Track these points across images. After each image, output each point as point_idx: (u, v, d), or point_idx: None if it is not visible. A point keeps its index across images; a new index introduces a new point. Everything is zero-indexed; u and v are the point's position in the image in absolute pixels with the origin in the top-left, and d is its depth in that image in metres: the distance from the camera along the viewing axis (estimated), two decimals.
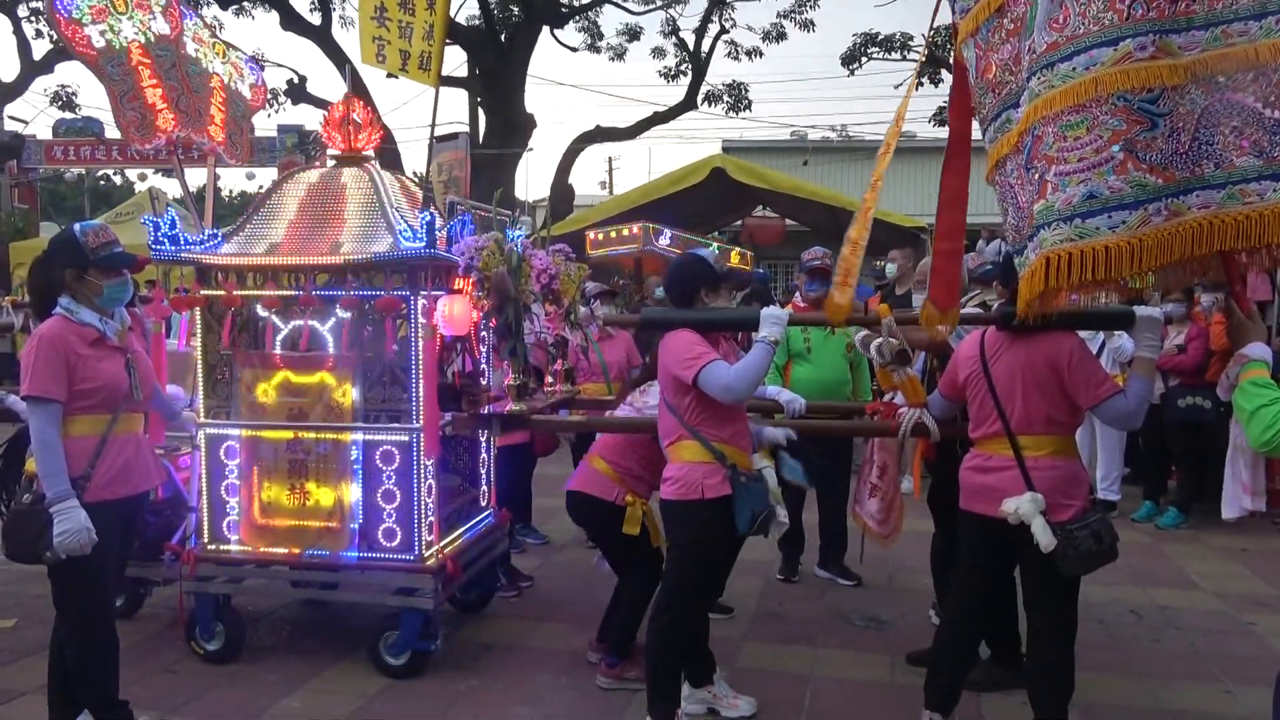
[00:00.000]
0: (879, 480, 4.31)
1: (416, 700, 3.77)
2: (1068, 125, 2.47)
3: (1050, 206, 2.52)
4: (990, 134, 2.89)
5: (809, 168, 20.25)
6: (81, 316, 3.12)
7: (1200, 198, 2.40)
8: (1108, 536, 3.09)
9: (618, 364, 6.02)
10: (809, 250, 5.41)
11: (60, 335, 3.05)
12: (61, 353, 3.02)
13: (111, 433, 3.16)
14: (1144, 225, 2.40)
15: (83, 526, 2.96)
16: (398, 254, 3.74)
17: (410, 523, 3.90)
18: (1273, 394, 2.32)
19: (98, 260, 3.14)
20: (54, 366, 3.00)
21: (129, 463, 3.22)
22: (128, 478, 3.21)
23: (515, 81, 15.18)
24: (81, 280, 3.14)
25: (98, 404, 3.11)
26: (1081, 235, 2.46)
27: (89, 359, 3.08)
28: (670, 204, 12.46)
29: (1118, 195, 2.41)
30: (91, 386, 3.08)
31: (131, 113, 3.91)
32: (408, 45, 4.07)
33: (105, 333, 3.16)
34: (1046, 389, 3.16)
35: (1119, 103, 2.39)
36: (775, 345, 3.30)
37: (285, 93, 16.23)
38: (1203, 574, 5.54)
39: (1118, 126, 2.40)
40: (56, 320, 3.10)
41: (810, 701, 3.79)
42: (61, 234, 3.25)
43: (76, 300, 3.14)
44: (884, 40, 16.43)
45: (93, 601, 3.18)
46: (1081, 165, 2.45)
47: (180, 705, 3.70)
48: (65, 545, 2.94)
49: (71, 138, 17.40)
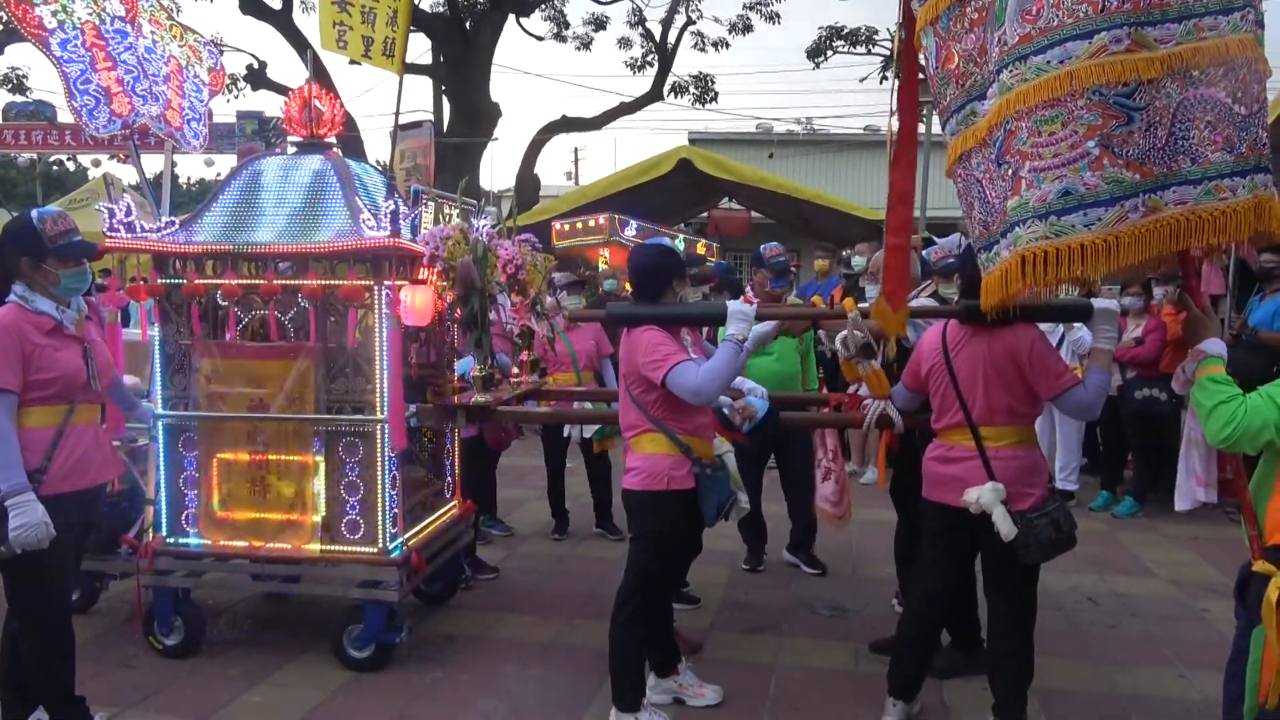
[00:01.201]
0: (832, 463, 4.35)
1: (381, 693, 3.74)
2: (1042, 120, 2.43)
3: (1025, 203, 2.49)
4: (952, 126, 2.85)
5: (774, 160, 20.33)
6: (37, 305, 3.04)
7: (1177, 193, 2.38)
8: (1066, 525, 3.15)
9: (587, 353, 5.99)
10: (769, 245, 5.43)
11: (15, 324, 2.97)
12: (16, 342, 2.95)
13: (69, 424, 3.09)
14: (1120, 222, 2.38)
15: (40, 520, 2.90)
16: (361, 242, 3.69)
17: (374, 515, 3.86)
18: (1230, 390, 2.36)
19: (56, 249, 3.07)
20: (9, 356, 2.93)
21: (86, 454, 3.15)
22: (85, 470, 3.15)
23: (480, 70, 15.02)
24: (38, 269, 3.06)
25: (54, 394, 3.04)
26: (1057, 233, 2.43)
27: (45, 349, 3.01)
28: (637, 195, 12.44)
29: (1094, 192, 2.39)
30: (48, 377, 3.01)
31: (85, 96, 3.81)
32: (370, 31, 4.00)
33: (62, 321, 3.09)
34: (1007, 380, 3.20)
35: (1094, 97, 2.36)
36: (743, 343, 3.26)
37: (245, 78, 15.91)
38: (1158, 561, 5.66)
39: (1093, 121, 2.37)
40: (11, 308, 3.02)
41: (775, 690, 3.82)
42: (18, 220, 3.16)
43: (32, 289, 3.06)
44: (849, 34, 16.51)
45: (49, 596, 3.11)
46: (1057, 161, 2.42)
47: (138, 701, 3.64)
48: (22, 540, 2.88)
49: (22, 121, 16.93)
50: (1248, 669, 2.32)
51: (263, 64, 15.78)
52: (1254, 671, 2.31)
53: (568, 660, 4.09)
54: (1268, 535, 2.34)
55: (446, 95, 15.55)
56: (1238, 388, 2.38)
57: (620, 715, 3.38)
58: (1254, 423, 2.27)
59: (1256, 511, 2.39)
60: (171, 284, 3.93)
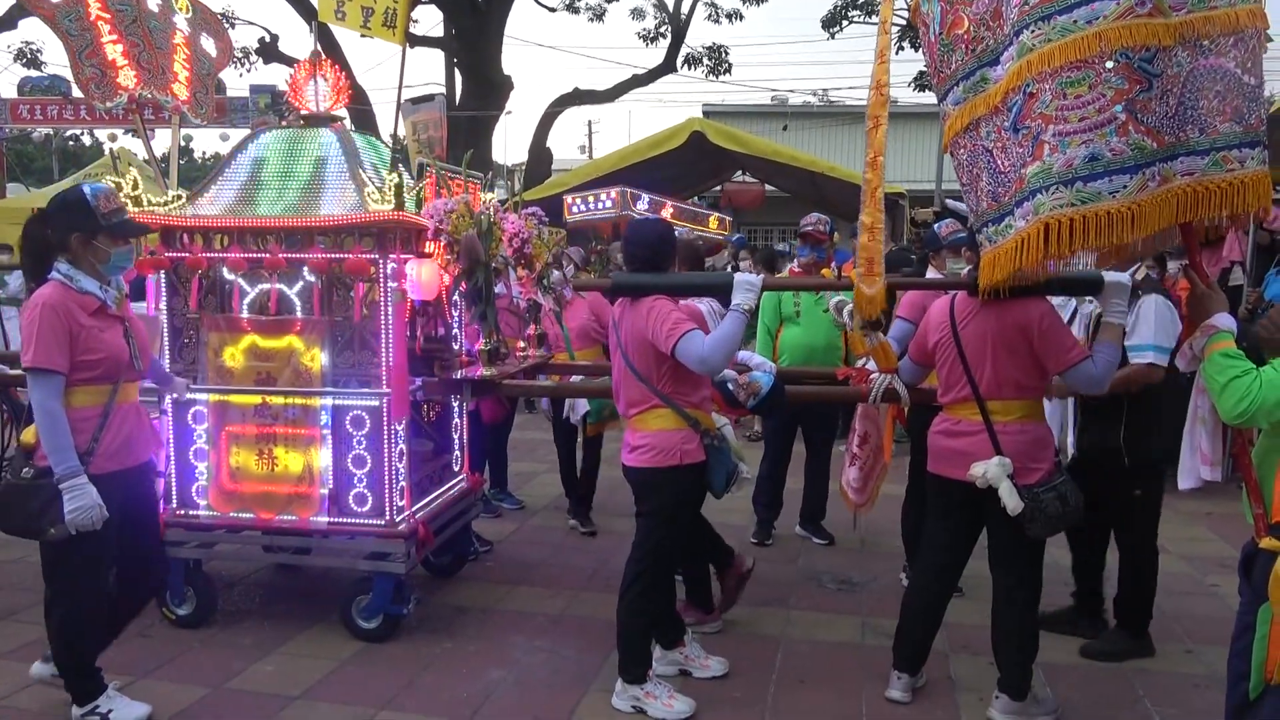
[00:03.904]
0: (858, 449, 4.36)
1: (390, 663, 3.77)
2: (1068, 82, 2.36)
3: (1048, 169, 2.42)
4: (957, 94, 2.78)
5: (789, 132, 20.15)
6: (82, 284, 3.02)
7: (1185, 164, 2.34)
8: (1074, 499, 3.13)
9: (579, 328, 5.85)
10: (806, 216, 5.47)
11: (62, 303, 2.95)
12: (64, 321, 2.93)
13: (113, 403, 3.09)
14: (1142, 190, 2.33)
15: (95, 503, 2.94)
16: (365, 216, 3.68)
17: (381, 488, 3.88)
18: (1243, 364, 2.30)
19: (109, 226, 3.07)
20: (57, 336, 2.91)
21: (131, 433, 3.18)
22: (131, 448, 3.17)
23: (492, 42, 14.91)
24: (88, 245, 3.05)
25: (100, 375, 3.04)
26: (1084, 200, 2.37)
27: (92, 329, 3.00)
28: (649, 168, 12.37)
29: (1120, 158, 2.33)
30: (94, 358, 3.00)
31: (91, 70, 3.81)
32: (371, 1, 3.96)
33: (106, 301, 3.08)
34: (1016, 354, 3.17)
35: (1121, 60, 2.29)
36: (748, 313, 3.23)
37: (256, 51, 15.90)
38: (1170, 537, 5.59)
39: (1120, 85, 2.31)
40: (55, 287, 2.99)
41: (781, 662, 3.83)
42: (69, 195, 3.11)
43: (77, 266, 3.04)
44: (864, 3, 16.27)
45: (91, 576, 3.13)
46: (1083, 125, 2.36)
47: (152, 669, 3.69)
48: (78, 522, 2.91)
49: (37, 96, 16.97)
50: (1254, 645, 2.31)
51: (274, 37, 15.76)
52: (1260, 648, 2.28)
53: (576, 632, 4.11)
54: (1274, 511, 2.31)
55: (458, 68, 15.45)
56: (1250, 362, 2.33)
57: (627, 687, 3.41)
58: (1270, 397, 2.22)
59: (1262, 488, 2.36)
60: (178, 258, 3.93)
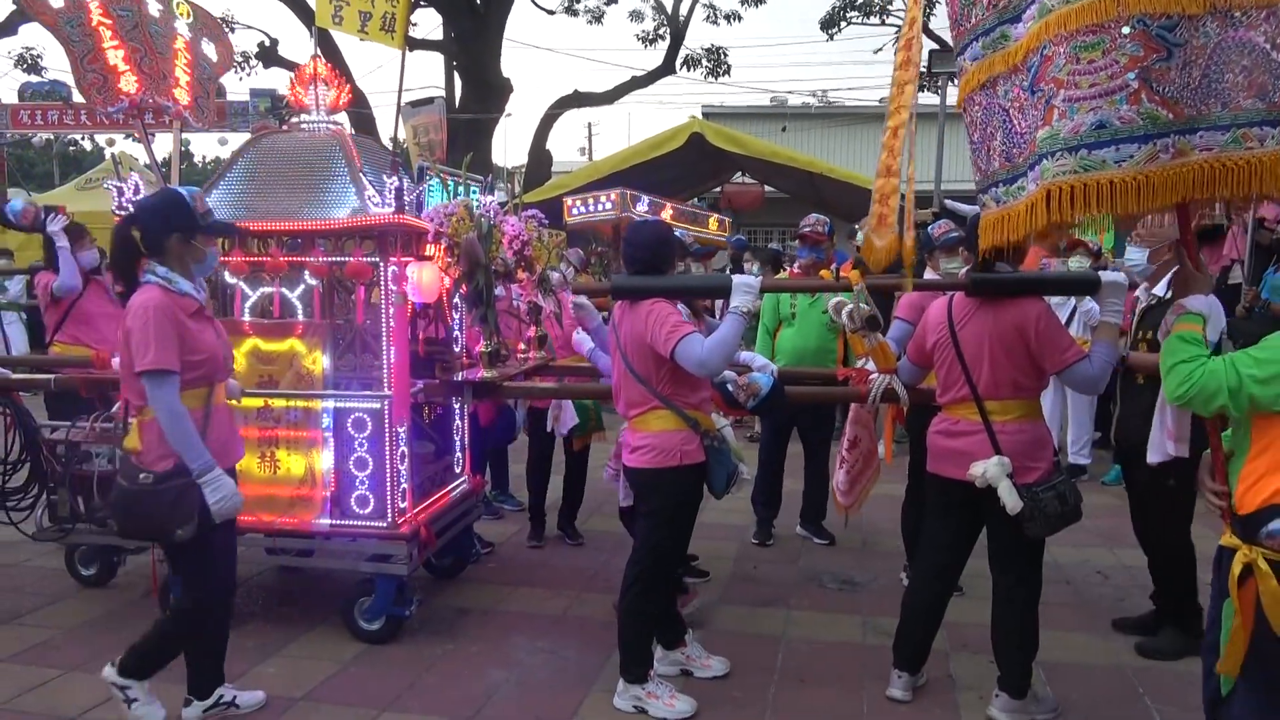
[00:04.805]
0: (847, 453, 4.37)
1: (392, 664, 3.79)
2: (1082, 46, 2.31)
3: (1055, 134, 2.38)
4: (975, 50, 2.72)
5: (787, 133, 20.17)
6: (180, 286, 3.02)
7: (1204, 138, 2.27)
8: (1072, 498, 3.14)
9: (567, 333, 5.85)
10: (805, 217, 5.48)
11: (168, 306, 2.95)
12: (173, 322, 2.93)
13: (211, 405, 3.11)
14: (1151, 161, 2.28)
15: (234, 491, 3.01)
16: (366, 219, 3.70)
17: (383, 490, 3.90)
18: (1195, 350, 2.31)
19: (207, 226, 3.11)
20: (167, 337, 2.91)
21: (228, 435, 3.20)
22: (228, 450, 3.19)
23: (491, 45, 14.94)
24: (188, 245, 3.07)
25: (200, 376, 3.04)
26: (1086, 168, 2.33)
27: (194, 331, 3.01)
28: (649, 170, 12.38)
29: (1128, 126, 2.28)
30: (197, 359, 3.01)
31: (93, 75, 3.83)
32: (369, 6, 3.96)
33: (202, 302, 3.11)
34: (1013, 354, 3.18)
35: (1138, 26, 2.24)
36: (747, 316, 3.23)
37: (257, 56, 15.93)
38: None
39: (1135, 52, 2.25)
40: (156, 290, 2.98)
41: (782, 662, 3.85)
42: (167, 197, 3.13)
43: (172, 268, 3.04)
44: (863, 4, 16.31)
45: (224, 563, 3.20)
46: (1094, 91, 2.30)
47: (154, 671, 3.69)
48: (223, 511, 2.98)
49: (38, 101, 17.01)
50: (1221, 640, 2.33)
51: (274, 41, 15.79)
52: (1225, 642, 2.31)
53: (577, 633, 4.13)
54: (1237, 504, 2.30)
55: (458, 71, 15.49)
56: (1204, 349, 2.33)
57: (628, 687, 3.42)
58: (1209, 385, 2.23)
59: (1229, 480, 2.36)
60: None
